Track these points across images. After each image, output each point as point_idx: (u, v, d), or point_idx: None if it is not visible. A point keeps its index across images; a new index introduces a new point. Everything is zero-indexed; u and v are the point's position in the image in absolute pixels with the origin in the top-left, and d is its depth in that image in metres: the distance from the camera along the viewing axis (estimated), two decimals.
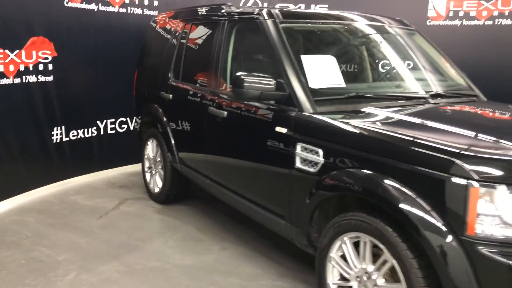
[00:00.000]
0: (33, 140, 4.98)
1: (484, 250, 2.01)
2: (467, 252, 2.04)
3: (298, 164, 2.84)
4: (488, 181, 2.01)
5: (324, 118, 2.74)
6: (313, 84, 2.99)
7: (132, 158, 5.74)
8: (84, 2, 5.38)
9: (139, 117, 5.17)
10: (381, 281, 2.41)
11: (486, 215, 2.01)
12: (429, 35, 6.61)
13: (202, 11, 4.29)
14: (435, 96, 3.21)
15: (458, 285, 2.05)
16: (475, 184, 2.01)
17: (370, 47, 3.76)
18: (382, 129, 2.51)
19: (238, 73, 3.05)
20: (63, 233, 4.05)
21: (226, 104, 3.53)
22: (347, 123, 2.64)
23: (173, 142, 4.41)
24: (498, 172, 2.02)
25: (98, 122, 5.73)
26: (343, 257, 2.61)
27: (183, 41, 4.40)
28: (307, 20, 3.49)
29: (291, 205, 2.95)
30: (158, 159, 4.76)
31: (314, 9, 6.82)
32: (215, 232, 4.11)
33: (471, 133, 2.41)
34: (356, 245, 2.54)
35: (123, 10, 5.79)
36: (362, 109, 2.88)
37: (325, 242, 2.67)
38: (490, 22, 6.65)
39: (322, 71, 3.08)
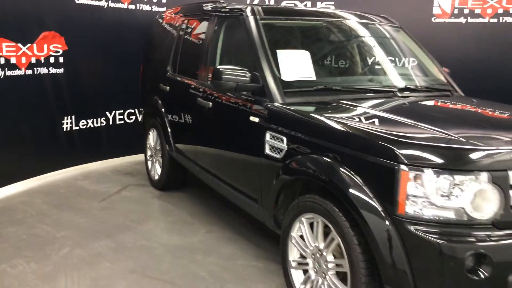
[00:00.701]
0: (44, 128, 5.33)
1: (412, 228, 2.19)
2: (397, 230, 2.22)
3: (267, 150, 3.06)
4: (417, 166, 2.18)
5: (287, 108, 2.94)
6: (285, 76, 3.20)
7: (140, 147, 6.03)
8: None
9: (142, 108, 5.45)
10: (330, 258, 2.61)
11: (415, 196, 2.19)
12: (434, 33, 6.71)
13: (198, 7, 4.53)
14: (404, 90, 3.36)
15: (388, 259, 2.24)
16: (405, 168, 2.19)
17: (349, 43, 3.92)
18: (335, 119, 2.70)
19: (218, 66, 3.28)
20: (65, 213, 4.37)
21: (211, 95, 3.77)
22: (305, 113, 2.85)
23: (169, 131, 4.67)
24: (426, 158, 2.20)
25: (107, 112, 6.05)
26: (302, 237, 2.81)
27: (180, 35, 4.66)
28: (287, 17, 3.69)
29: (262, 189, 3.17)
30: (158, 148, 5.04)
31: (302, 6, 6.97)
32: (205, 217, 4.36)
33: (414, 123, 2.58)
34: (312, 225, 2.74)
35: (132, 6, 6.09)
36: (327, 101, 3.06)
37: (287, 223, 2.88)
38: (495, 20, 6.67)
39: (295, 64, 3.28)
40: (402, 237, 2.21)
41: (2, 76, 4.73)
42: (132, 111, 6.30)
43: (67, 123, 5.60)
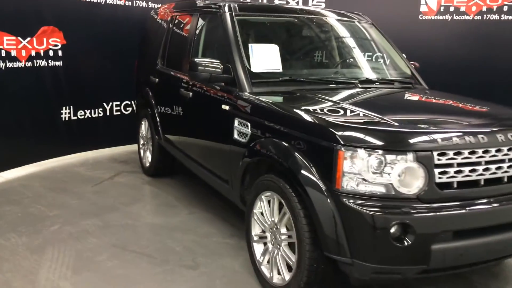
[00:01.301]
0: (44, 117, 5.67)
1: (347, 201, 2.47)
2: (335, 203, 2.51)
3: (235, 136, 3.36)
4: (351, 146, 2.47)
5: (251, 96, 3.24)
6: (254, 68, 3.49)
7: (136, 137, 6.35)
8: None
9: (136, 99, 5.78)
10: (284, 230, 2.90)
11: (350, 173, 2.48)
12: (421, 30, 6.96)
13: (186, 4, 4.83)
14: (365, 82, 3.64)
15: (327, 228, 2.52)
16: (341, 148, 2.48)
17: (319, 38, 4.18)
18: (289, 106, 2.99)
19: (194, 58, 3.58)
20: (60, 196, 4.72)
21: (191, 86, 4.08)
22: (265, 101, 3.14)
23: (158, 121, 4.99)
24: (359, 139, 2.48)
25: (104, 104, 6.39)
26: (262, 213, 3.11)
27: (169, 30, 4.96)
28: (261, 13, 3.98)
29: (232, 172, 3.47)
30: (149, 137, 5.36)
31: (293, 3, 7.24)
32: (189, 200, 4.67)
33: (357, 110, 2.86)
34: (270, 203, 3.03)
35: (129, 3, 6.42)
36: (289, 91, 3.35)
37: (250, 201, 3.19)
38: (479, 17, 6.90)
39: (265, 57, 3.56)
40: (339, 209, 2.50)
41: (3, 68, 5.07)
42: (129, 102, 6.62)
43: (65, 113, 5.94)
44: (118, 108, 6.55)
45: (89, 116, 6.22)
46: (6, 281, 3.09)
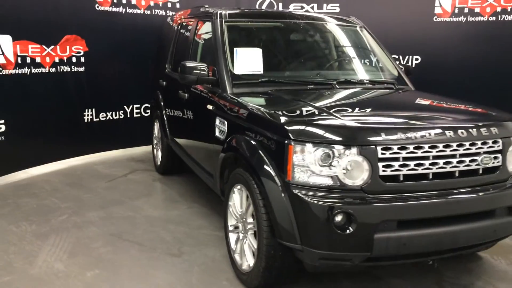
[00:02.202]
0: (67, 119, 6.14)
1: (297, 192, 2.67)
2: (287, 194, 2.71)
3: (216, 133, 3.63)
4: (300, 140, 2.67)
5: (228, 96, 3.49)
6: (237, 70, 3.74)
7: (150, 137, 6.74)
8: (113, 6, 6.47)
9: (150, 102, 6.16)
10: (250, 220, 3.13)
11: (299, 165, 2.68)
12: (435, 32, 7.01)
13: (193, 11, 5.14)
14: (344, 83, 3.81)
15: (279, 217, 2.73)
16: (292, 142, 2.68)
17: (306, 42, 4.36)
18: (256, 104, 3.22)
19: (183, 62, 3.87)
20: (74, 190, 5.13)
21: (187, 88, 4.38)
22: (238, 100, 3.38)
23: (166, 122, 5.33)
24: (307, 134, 2.68)
25: (125, 106, 6.82)
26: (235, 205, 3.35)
27: (177, 36, 5.30)
28: (250, 19, 4.23)
29: (215, 166, 3.73)
30: (159, 137, 5.71)
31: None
32: (190, 196, 4.97)
33: (315, 107, 3.05)
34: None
35: (148, 12, 6.83)
36: (264, 91, 3.57)
37: (226, 193, 3.43)
38: (493, 18, 6.86)
39: (248, 60, 3.80)
40: (290, 199, 2.70)
41: (28, 73, 5.56)
42: (148, 105, 7.00)
43: (88, 115, 6.40)
44: (138, 110, 6.96)
45: (110, 118, 6.66)
46: (9, 261, 3.48)
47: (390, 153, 2.65)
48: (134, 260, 3.55)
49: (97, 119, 6.51)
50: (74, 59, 6.11)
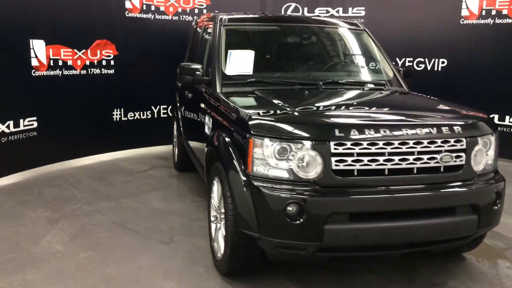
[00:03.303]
0: (97, 118, 6.60)
1: (256, 183, 2.85)
2: (247, 185, 2.90)
3: (205, 130, 3.87)
4: (259, 135, 2.85)
5: (212, 94, 3.72)
6: (228, 71, 3.97)
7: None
8: (142, 13, 6.90)
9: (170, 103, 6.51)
10: (223, 210, 3.32)
11: (258, 159, 2.86)
12: (462, 34, 6.94)
13: (205, 17, 5.42)
14: (330, 83, 3.93)
15: (240, 207, 2.92)
16: (252, 137, 2.87)
17: (301, 44, 4.51)
18: (232, 102, 3.41)
19: (182, 63, 4.15)
20: (95, 183, 5.54)
21: (190, 88, 4.65)
22: (219, 98, 3.60)
23: (180, 121, 5.64)
24: (266, 129, 2.85)
25: (152, 107, 7.22)
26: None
27: (194, 39, 5.60)
28: (248, 23, 4.45)
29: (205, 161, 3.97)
30: (176, 135, 6.04)
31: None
32: (199, 191, 5.23)
33: (283, 105, 3.20)
34: None
35: (176, 18, 7.21)
36: (253, 91, 3.76)
37: (209, 186, 3.66)
38: None
39: (240, 62, 4.02)
40: (250, 190, 2.89)
41: (60, 75, 6.06)
42: None
43: (117, 114, 6.85)
44: (165, 111, 7.34)
45: (138, 117, 7.08)
46: (17, 241, 3.89)
47: (343, 149, 2.77)
48: (127, 245, 3.85)
49: (125, 118, 6.94)
50: (104, 62, 6.56)
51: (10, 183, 5.41)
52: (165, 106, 7.34)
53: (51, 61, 5.93)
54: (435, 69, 7.43)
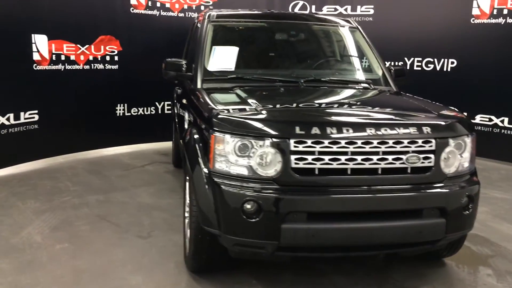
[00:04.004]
0: (100, 112, 6.69)
1: (217, 180, 2.82)
2: (209, 181, 2.87)
3: (185, 125, 3.86)
4: (221, 131, 2.81)
5: (191, 90, 3.71)
6: (210, 67, 3.96)
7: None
8: (147, 9, 6.95)
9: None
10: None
11: (219, 155, 2.82)
12: (473, 34, 6.76)
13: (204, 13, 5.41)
14: (312, 81, 3.86)
15: (202, 203, 2.89)
16: (214, 132, 2.84)
17: (288, 41, 4.43)
18: (204, 98, 3.39)
19: (167, 59, 4.16)
20: (90, 176, 5.61)
21: (180, 84, 4.66)
22: (195, 94, 3.58)
23: (176, 117, 5.65)
24: (227, 126, 2.82)
25: (157, 103, 7.27)
26: None
27: (191, 36, 5.60)
28: (236, 19, 4.42)
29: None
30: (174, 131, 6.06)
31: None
32: None
33: (252, 102, 3.14)
34: None
35: (181, 14, 7.24)
36: (232, 87, 3.72)
37: (184, 182, 3.65)
38: None
39: (223, 58, 4.00)
40: (211, 186, 2.86)
41: (62, 69, 6.16)
42: None
43: (120, 109, 6.92)
44: (169, 107, 7.37)
45: (142, 113, 7.14)
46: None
47: (304, 147, 2.71)
48: (105, 238, 3.88)
49: (129, 114, 7.01)
50: (108, 58, 6.64)
51: (8, 174, 5.53)
52: (169, 102, 7.36)
53: (54, 55, 6.03)
54: (444, 69, 7.24)
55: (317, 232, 2.71)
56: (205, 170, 2.92)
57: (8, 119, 5.58)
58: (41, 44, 5.86)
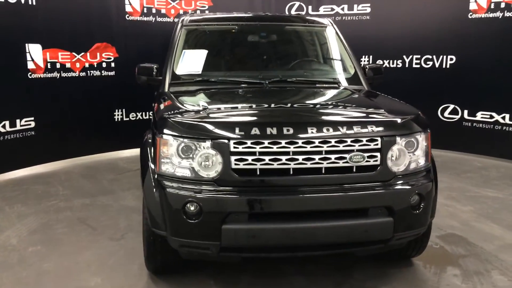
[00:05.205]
0: (98, 118, 6.83)
1: (162, 182, 2.86)
2: (156, 183, 2.91)
3: (153, 129, 3.91)
4: (165, 134, 2.85)
5: (156, 94, 3.75)
6: (179, 70, 4.01)
7: None
8: (143, 16, 7.08)
9: None
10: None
11: (164, 157, 2.86)
12: (471, 29, 6.62)
13: None
14: (277, 82, 3.85)
15: (151, 207, 2.92)
16: (159, 135, 2.88)
17: (258, 43, 4.42)
18: (163, 102, 3.43)
19: (139, 64, 4.23)
20: (83, 181, 5.75)
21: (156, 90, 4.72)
22: (157, 98, 3.63)
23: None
24: (170, 128, 2.85)
25: None
26: None
27: None
28: (208, 23, 4.45)
29: None
30: None
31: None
32: None
33: (199, 104, 3.17)
34: None
35: (177, 19, 7.30)
36: (196, 90, 3.76)
37: None
38: None
39: (192, 61, 4.05)
40: (157, 188, 2.90)
41: (58, 77, 6.33)
42: None
43: (118, 115, 7.06)
44: None
45: (141, 118, 7.26)
46: None
47: (244, 148, 2.72)
48: (78, 241, 3.97)
49: (127, 119, 7.14)
50: (104, 65, 6.79)
51: (3, 180, 5.70)
52: None
53: (48, 64, 6.20)
54: (443, 66, 7.10)
55: (258, 233, 2.71)
56: (153, 173, 2.96)
57: (3, 127, 5.76)
58: (35, 53, 6.04)
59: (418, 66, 7.29)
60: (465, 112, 6.96)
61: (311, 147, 2.74)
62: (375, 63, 7.07)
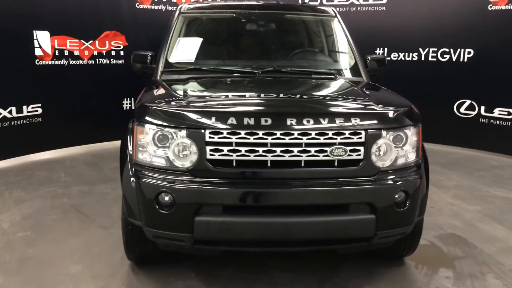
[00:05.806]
0: (106, 106, 6.85)
1: (138, 171, 2.78)
2: (132, 171, 2.84)
3: None
4: (142, 122, 2.77)
5: (149, 83, 3.68)
6: (172, 58, 3.93)
7: None
8: (153, 4, 7.03)
9: None
10: None
11: (141, 146, 2.78)
12: (491, 22, 6.37)
13: None
14: (270, 72, 3.72)
15: (127, 196, 2.86)
16: (136, 124, 2.81)
17: (256, 31, 4.28)
18: (150, 91, 3.35)
19: (135, 51, 4.17)
20: (86, 168, 5.76)
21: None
22: (146, 87, 3.55)
23: None
24: (146, 116, 2.76)
25: None
26: None
27: None
28: (206, 10, 4.36)
29: None
30: None
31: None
32: None
33: (180, 93, 3.07)
34: None
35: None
36: (187, 78, 3.67)
37: None
38: None
39: (185, 49, 3.97)
40: (134, 178, 2.83)
41: (66, 64, 6.35)
42: None
43: (126, 103, 7.06)
44: None
45: None
46: None
47: (219, 138, 2.63)
48: (68, 228, 3.96)
49: None
50: (113, 53, 6.79)
51: (7, 166, 5.75)
52: None
53: (56, 51, 6.22)
54: (461, 60, 6.83)
55: (231, 226, 2.62)
56: (130, 162, 2.89)
57: (10, 112, 5.81)
58: (43, 40, 6.07)
59: (435, 59, 7.04)
60: (482, 108, 6.69)
61: (289, 139, 2.62)
62: (383, 55, 6.82)
